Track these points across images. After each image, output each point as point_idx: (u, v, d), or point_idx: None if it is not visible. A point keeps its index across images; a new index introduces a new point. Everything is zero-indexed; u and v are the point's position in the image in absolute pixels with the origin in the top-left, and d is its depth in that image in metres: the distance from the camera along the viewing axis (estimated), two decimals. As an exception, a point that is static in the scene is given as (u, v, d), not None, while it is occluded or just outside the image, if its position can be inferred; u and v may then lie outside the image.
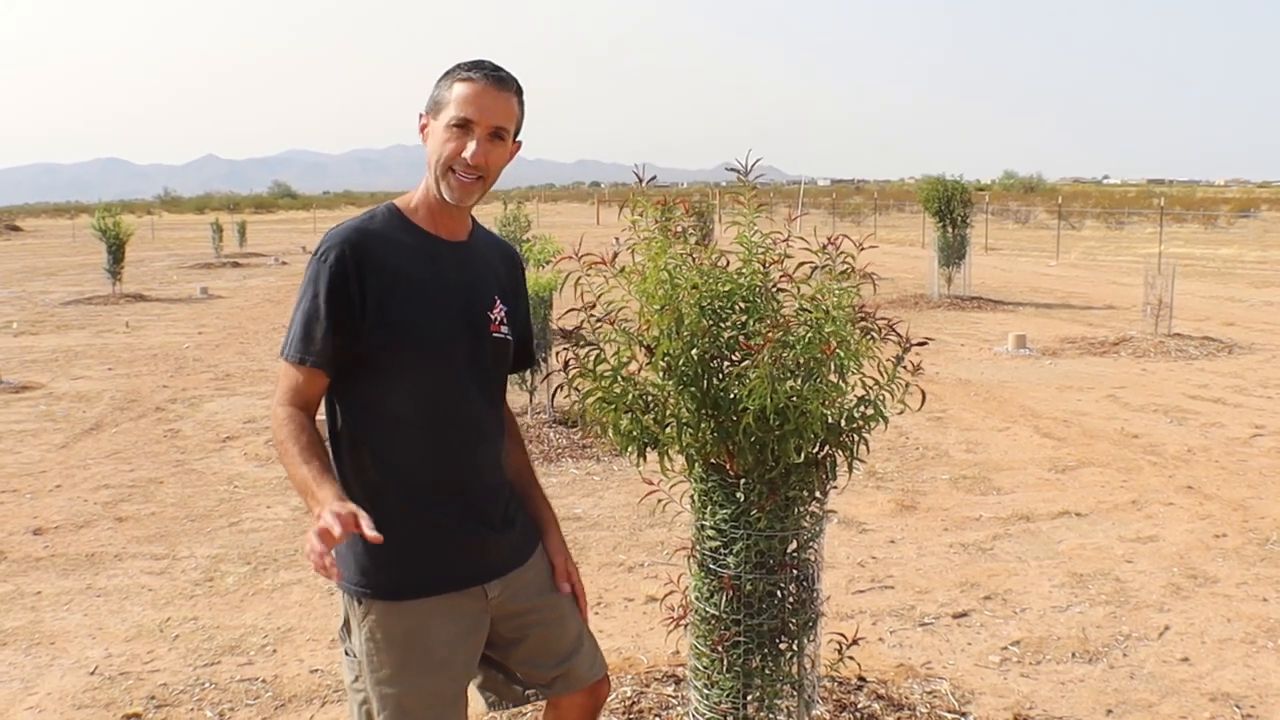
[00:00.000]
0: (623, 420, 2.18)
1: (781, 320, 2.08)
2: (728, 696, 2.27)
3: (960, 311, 13.97)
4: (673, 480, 2.29)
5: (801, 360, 2.07)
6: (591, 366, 2.15)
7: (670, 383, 2.15)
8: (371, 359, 1.87)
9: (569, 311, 2.29)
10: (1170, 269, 11.03)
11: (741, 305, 2.17)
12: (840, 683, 3.30)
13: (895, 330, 2.18)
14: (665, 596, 2.50)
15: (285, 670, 3.63)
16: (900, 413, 2.19)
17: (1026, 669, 3.57)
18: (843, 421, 2.18)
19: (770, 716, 2.28)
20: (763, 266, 2.18)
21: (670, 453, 2.22)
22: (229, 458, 6.69)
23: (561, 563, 2.11)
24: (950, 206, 14.79)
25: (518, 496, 2.10)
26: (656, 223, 2.18)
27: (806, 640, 2.30)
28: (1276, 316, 13.36)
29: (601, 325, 2.16)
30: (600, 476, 6.09)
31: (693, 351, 2.13)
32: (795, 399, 2.06)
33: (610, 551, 4.83)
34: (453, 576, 1.93)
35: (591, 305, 2.16)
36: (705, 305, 2.13)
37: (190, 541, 5.04)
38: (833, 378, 2.13)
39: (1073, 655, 3.67)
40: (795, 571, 2.25)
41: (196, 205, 73.53)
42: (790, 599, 2.27)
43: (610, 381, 2.16)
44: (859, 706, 3.18)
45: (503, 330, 2.01)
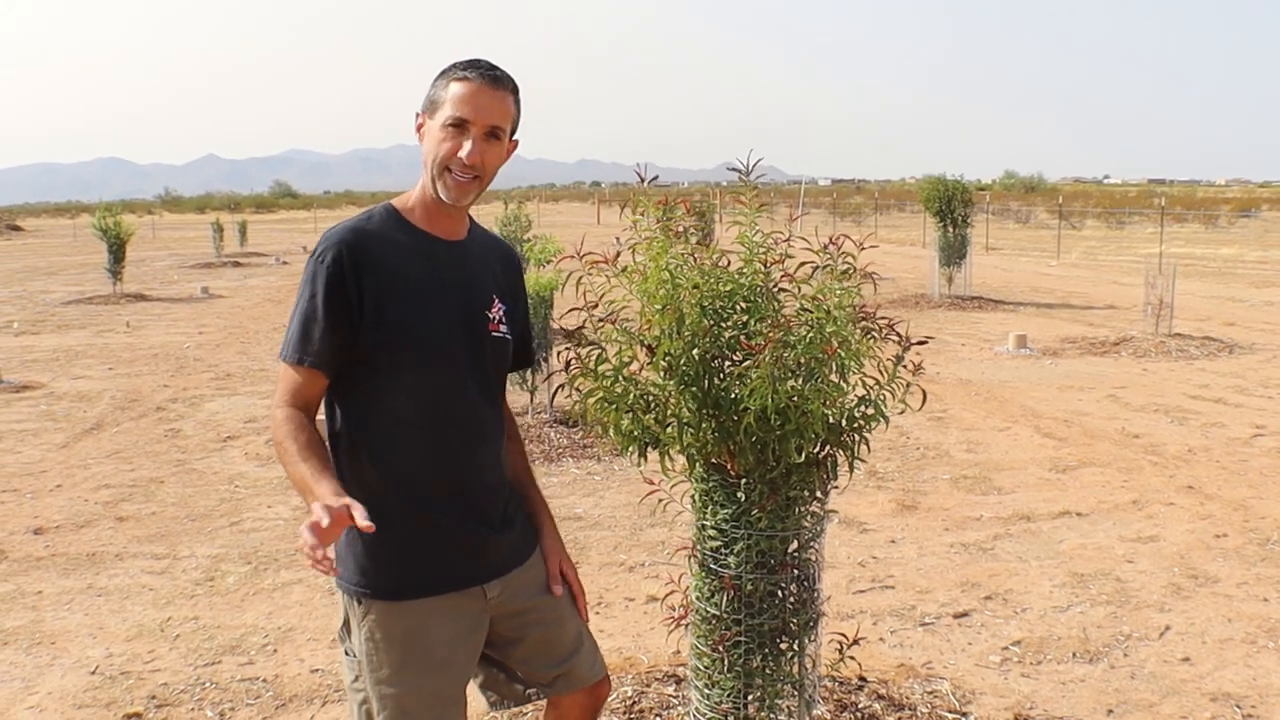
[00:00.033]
0: (624, 420, 2.18)
1: (783, 320, 2.08)
2: (729, 696, 2.27)
3: (961, 311, 13.97)
4: (674, 480, 2.29)
5: (803, 360, 2.06)
6: (593, 366, 2.15)
7: (671, 382, 2.15)
8: (370, 359, 1.87)
9: (570, 311, 2.29)
10: (1171, 269, 11.03)
11: (743, 305, 2.17)
12: (841, 683, 3.30)
13: (895, 330, 2.18)
14: (666, 596, 2.50)
15: (286, 670, 3.63)
16: (901, 412, 2.18)
17: (1027, 669, 3.57)
18: (844, 421, 2.18)
19: (771, 716, 2.28)
20: (764, 266, 2.18)
21: (671, 452, 2.22)
22: (230, 457, 6.70)
23: (554, 565, 2.11)
24: (951, 206, 14.79)
25: (517, 496, 2.10)
26: (658, 222, 2.18)
27: (807, 640, 2.30)
28: (1277, 316, 13.35)
29: (603, 325, 2.16)
30: (601, 476, 6.09)
31: (694, 351, 2.12)
32: (796, 399, 2.06)
33: (611, 551, 4.83)
34: (453, 576, 1.93)
35: (593, 305, 2.16)
36: (706, 305, 2.12)
37: (191, 541, 5.04)
38: (834, 378, 2.13)
39: (1073, 655, 3.67)
40: (796, 571, 2.25)
41: (197, 205, 73.51)
42: (791, 599, 2.27)
43: (611, 381, 2.16)
44: (860, 706, 3.18)
45: (501, 329, 2.01)
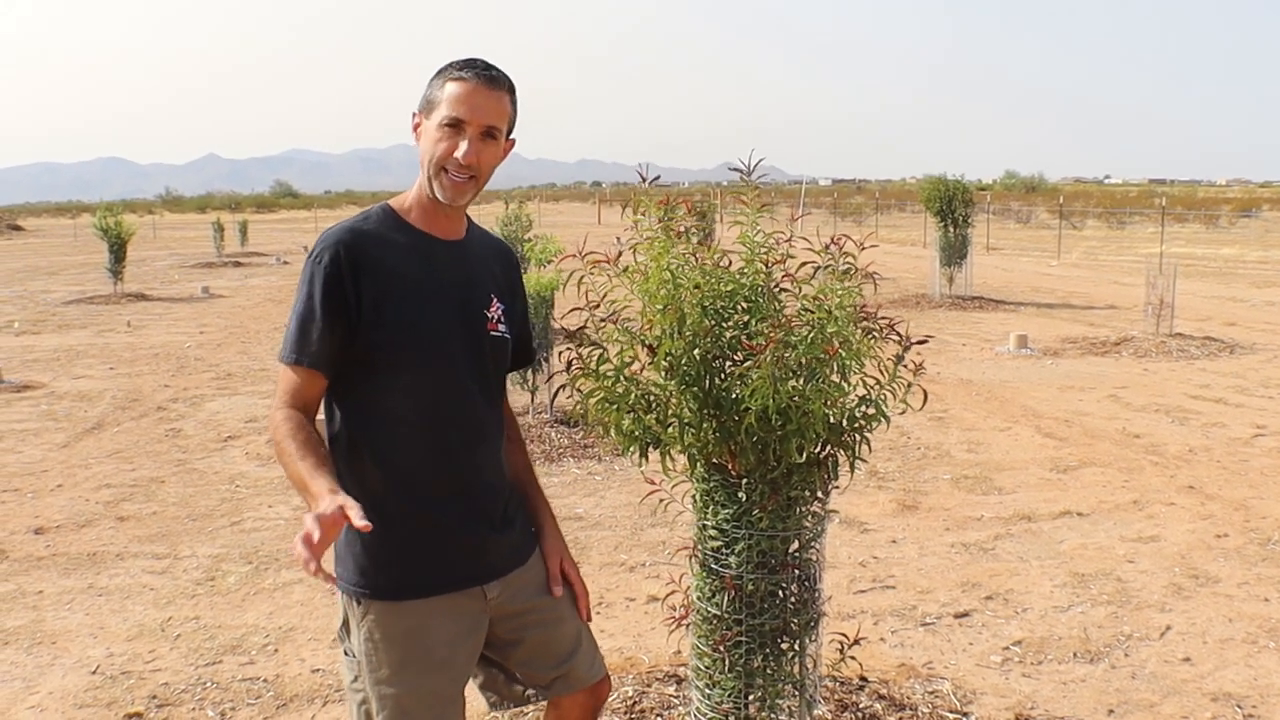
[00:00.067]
0: (625, 420, 2.18)
1: (784, 320, 2.08)
2: (729, 696, 2.27)
3: (961, 311, 13.97)
4: (674, 480, 2.29)
5: (804, 360, 2.07)
6: (594, 366, 2.15)
7: (672, 382, 2.15)
8: (369, 359, 1.87)
9: (572, 311, 2.29)
10: (1172, 269, 11.03)
11: (744, 305, 2.17)
12: (842, 683, 3.30)
13: (896, 330, 2.18)
14: (667, 596, 2.50)
15: (287, 670, 3.63)
16: (902, 412, 2.18)
17: (1028, 669, 3.57)
18: (844, 421, 2.18)
19: (772, 716, 2.28)
20: (765, 266, 2.18)
21: (672, 452, 2.22)
22: (230, 457, 6.70)
23: (555, 566, 2.10)
24: (952, 206, 14.79)
25: (517, 496, 2.10)
26: (659, 222, 2.18)
27: (808, 640, 2.30)
28: (1278, 316, 13.34)
29: (604, 325, 2.16)
30: (602, 476, 6.09)
31: (695, 351, 2.13)
32: (797, 399, 2.06)
33: (612, 551, 4.83)
34: (453, 576, 1.92)
35: (595, 305, 2.16)
36: (708, 305, 2.12)
37: (192, 541, 5.04)
38: (835, 378, 2.13)
39: (1074, 655, 3.67)
40: (797, 571, 2.25)
41: (198, 205, 73.51)
42: (792, 599, 2.27)
43: (613, 381, 2.16)
44: (861, 706, 3.18)
45: (500, 329, 2.00)
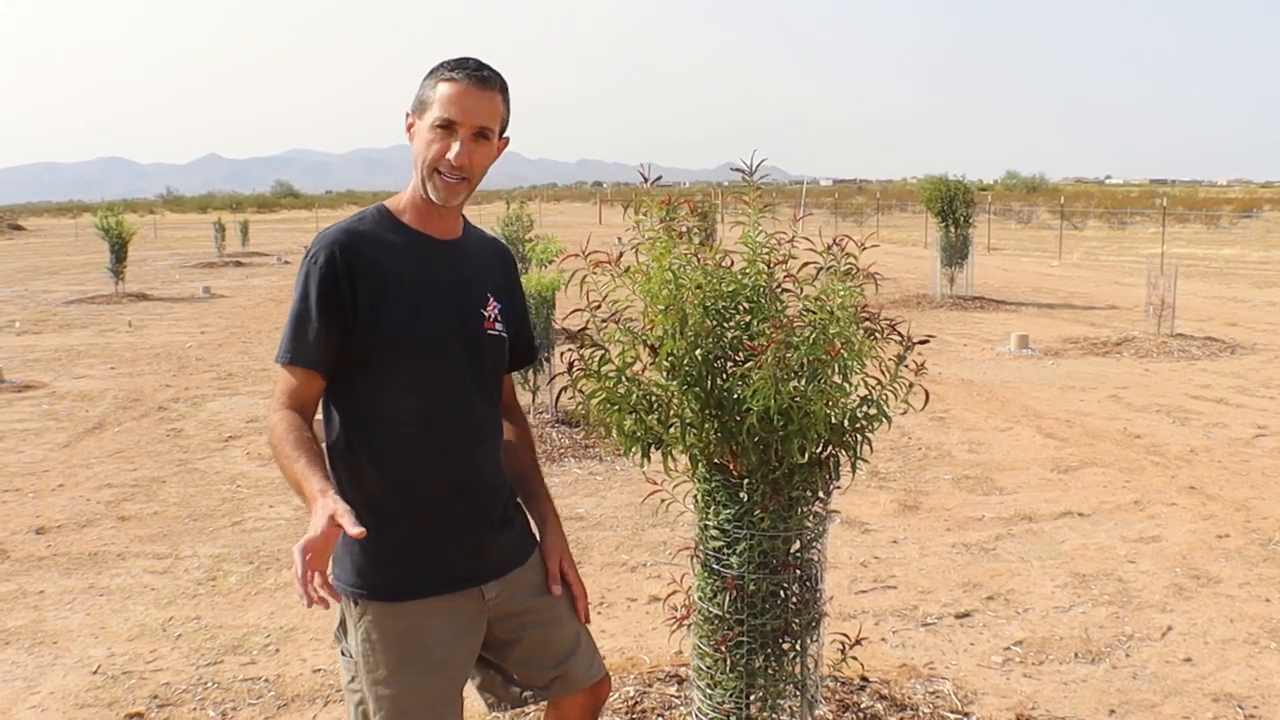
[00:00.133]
0: (627, 420, 2.18)
1: (785, 321, 2.08)
2: (731, 696, 2.27)
3: (963, 311, 13.96)
4: (676, 480, 2.29)
5: (805, 361, 2.06)
6: (596, 367, 2.15)
7: (674, 383, 2.15)
8: (366, 360, 1.87)
9: (574, 312, 2.29)
10: (1173, 269, 11.02)
11: (746, 305, 2.17)
12: (843, 683, 3.30)
13: (898, 330, 2.18)
14: (668, 596, 2.50)
15: (288, 670, 3.64)
16: (903, 413, 2.18)
17: (1029, 669, 3.57)
18: (846, 422, 2.18)
19: (773, 716, 2.28)
20: (767, 267, 2.18)
21: (674, 453, 2.22)
22: (231, 457, 6.70)
23: (554, 565, 2.09)
24: (953, 206, 14.78)
25: (515, 497, 2.10)
26: (661, 222, 2.18)
27: (809, 640, 2.30)
28: (1279, 317, 13.34)
29: (606, 325, 2.16)
30: (603, 476, 6.09)
31: (697, 352, 2.12)
32: (799, 399, 2.06)
33: (613, 551, 4.83)
34: (452, 576, 1.92)
35: (596, 305, 2.16)
36: (709, 305, 2.12)
37: (193, 541, 5.05)
38: (836, 378, 2.13)
39: (1075, 655, 3.67)
40: (798, 571, 2.25)
41: (199, 204, 73.48)
42: (793, 599, 2.27)
43: (614, 382, 2.16)
44: (862, 706, 3.18)
45: (497, 328, 2.00)
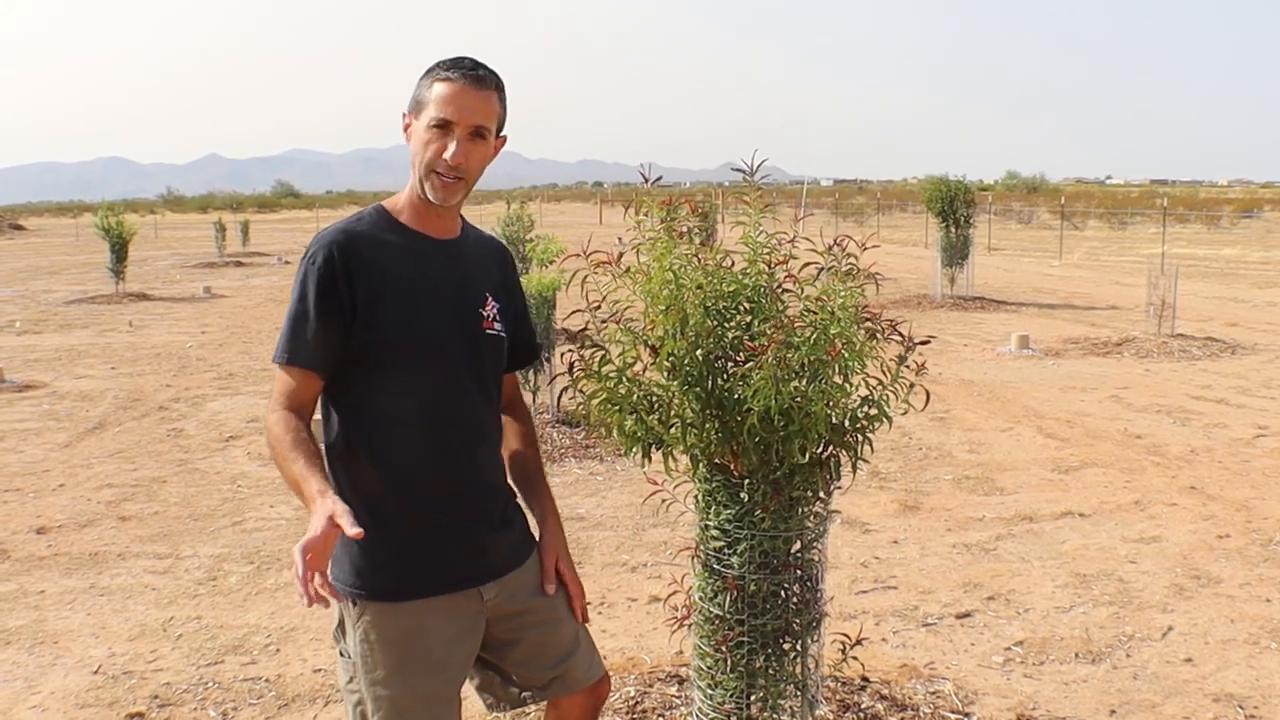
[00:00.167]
0: (627, 421, 2.18)
1: (786, 321, 2.08)
2: (731, 696, 2.27)
3: (963, 312, 13.96)
4: (677, 480, 2.29)
5: (806, 361, 2.07)
6: (596, 367, 2.15)
7: (675, 383, 2.15)
8: (364, 360, 1.87)
9: (574, 312, 2.29)
10: (1173, 269, 11.02)
11: (746, 306, 2.17)
12: (844, 683, 3.30)
13: (898, 330, 2.18)
14: (669, 596, 2.50)
15: (288, 670, 3.64)
16: (904, 413, 2.18)
17: (1030, 669, 3.57)
18: (847, 422, 2.18)
19: (774, 717, 2.28)
20: (768, 267, 2.18)
21: (675, 453, 2.22)
22: (232, 457, 6.70)
23: (550, 563, 2.08)
24: (953, 207, 14.78)
25: (514, 496, 2.10)
26: (662, 223, 2.18)
27: (810, 640, 2.30)
28: (1279, 317, 13.36)
29: (607, 325, 2.16)
30: (604, 476, 6.09)
31: (697, 352, 2.12)
32: (799, 400, 2.06)
33: (613, 551, 4.83)
34: (452, 577, 1.92)
35: (596, 306, 2.16)
36: (710, 306, 2.12)
37: (193, 541, 5.05)
38: (837, 378, 2.13)
39: (1076, 656, 3.67)
40: (799, 572, 2.25)
41: (199, 204, 73.45)
42: (794, 599, 2.27)
43: (615, 382, 2.16)
44: (862, 707, 3.18)
45: (495, 327, 2.00)
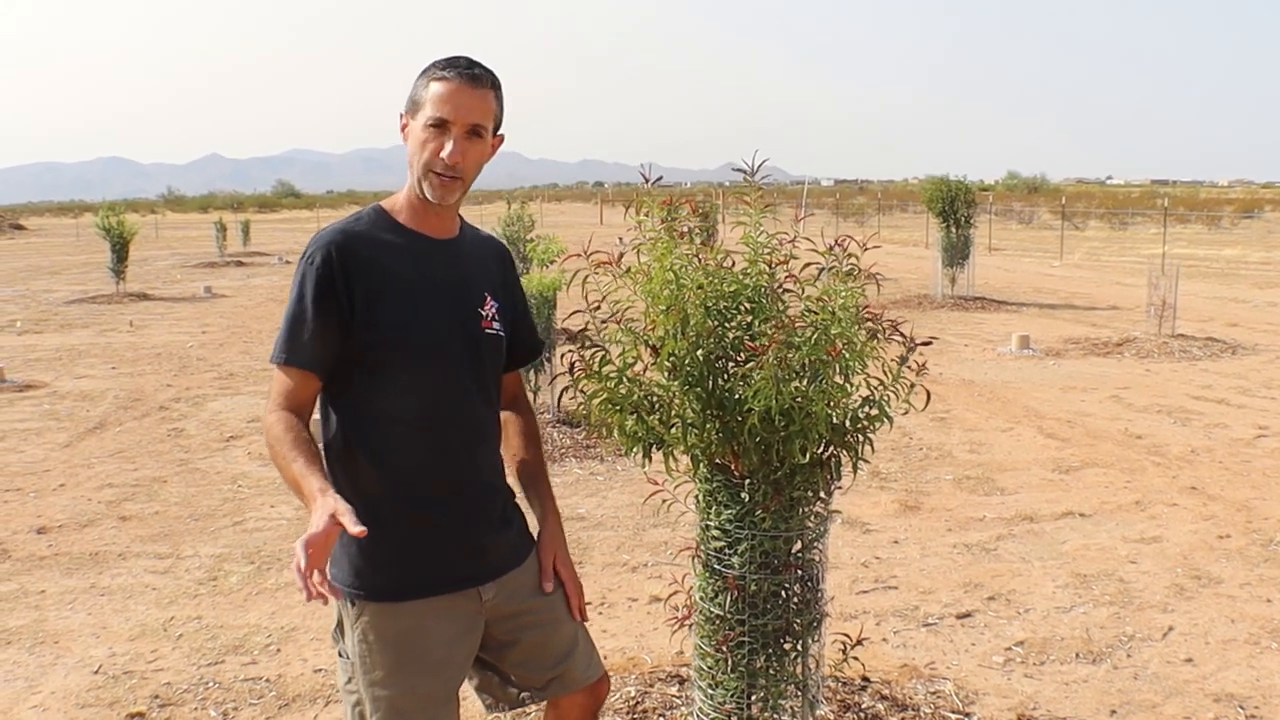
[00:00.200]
0: (628, 421, 2.18)
1: (787, 321, 2.08)
2: (732, 696, 2.27)
3: (964, 312, 13.96)
4: (677, 480, 2.29)
5: (807, 361, 2.07)
6: (597, 368, 2.15)
7: (675, 383, 2.15)
8: (363, 360, 1.87)
9: (575, 313, 2.29)
10: (1174, 270, 11.02)
11: (747, 306, 2.17)
12: (844, 683, 3.30)
13: (899, 330, 2.18)
14: (669, 596, 2.50)
15: (289, 669, 3.64)
16: (905, 413, 2.18)
17: (1030, 669, 3.57)
18: (847, 422, 2.18)
19: (775, 717, 2.28)
20: (769, 267, 2.18)
21: (675, 453, 2.22)
22: (232, 457, 6.70)
23: (547, 560, 2.08)
24: (954, 207, 14.77)
25: (513, 496, 2.09)
26: (662, 223, 2.19)
27: (811, 640, 2.30)
28: (1279, 317, 13.35)
29: (607, 325, 2.16)
30: (604, 476, 6.09)
31: (698, 352, 2.13)
32: (800, 400, 2.06)
33: (614, 551, 4.83)
34: (452, 577, 1.92)
35: (595, 306, 2.16)
36: (711, 306, 2.13)
37: (194, 541, 5.05)
38: (838, 379, 2.13)
39: (1076, 656, 3.67)
40: (800, 572, 2.25)
41: (200, 204, 73.46)
42: (795, 599, 2.27)
43: (616, 382, 2.16)
44: (863, 707, 3.18)
45: (495, 326, 2.00)
